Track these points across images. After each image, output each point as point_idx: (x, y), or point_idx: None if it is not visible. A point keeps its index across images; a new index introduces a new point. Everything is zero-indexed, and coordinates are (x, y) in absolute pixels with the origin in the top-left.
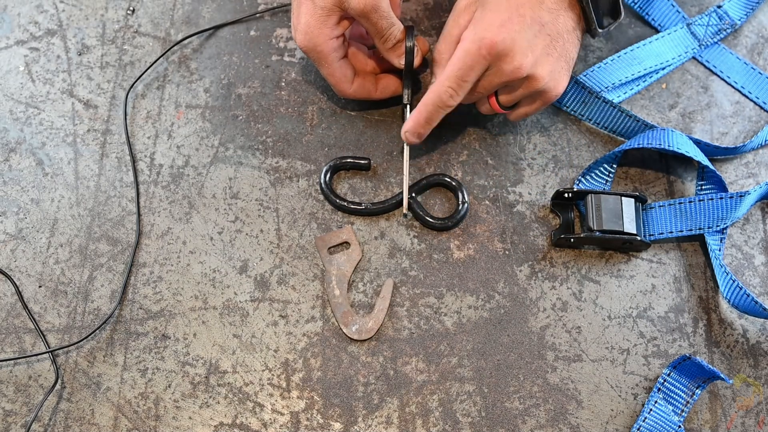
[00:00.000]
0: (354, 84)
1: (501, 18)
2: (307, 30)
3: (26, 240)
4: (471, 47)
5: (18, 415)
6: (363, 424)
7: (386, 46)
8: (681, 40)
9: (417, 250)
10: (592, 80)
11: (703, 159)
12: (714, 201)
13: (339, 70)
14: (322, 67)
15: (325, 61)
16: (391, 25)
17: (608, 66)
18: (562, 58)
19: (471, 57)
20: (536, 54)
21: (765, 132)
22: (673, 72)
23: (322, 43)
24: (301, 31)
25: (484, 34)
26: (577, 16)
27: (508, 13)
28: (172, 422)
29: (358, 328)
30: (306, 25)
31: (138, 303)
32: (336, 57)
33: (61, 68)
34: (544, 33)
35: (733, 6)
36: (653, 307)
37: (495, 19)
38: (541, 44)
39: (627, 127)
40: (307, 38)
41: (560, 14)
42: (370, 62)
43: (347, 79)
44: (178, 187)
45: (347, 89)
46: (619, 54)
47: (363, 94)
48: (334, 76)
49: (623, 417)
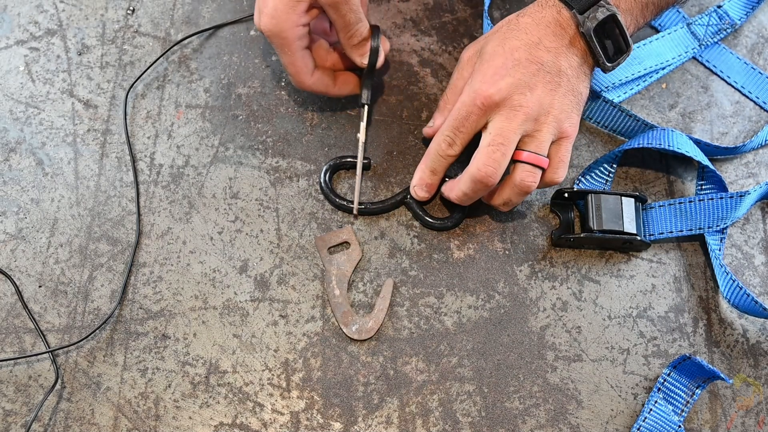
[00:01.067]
0: (313, 76)
1: (495, 67)
2: (275, 14)
3: (26, 240)
4: (466, 99)
5: (18, 415)
6: (363, 424)
7: (351, 42)
8: (681, 40)
9: (417, 250)
10: (593, 80)
11: (703, 159)
12: (714, 201)
13: (301, 59)
14: (284, 54)
15: (289, 48)
16: (358, 21)
17: None
18: (570, 94)
19: (466, 108)
20: (537, 92)
21: (765, 132)
22: (673, 72)
23: (288, 29)
24: (267, 15)
25: (479, 86)
26: (581, 52)
27: (503, 59)
28: (172, 422)
29: (358, 328)
30: (273, 9)
31: (138, 303)
32: (300, 46)
33: (61, 68)
34: (544, 72)
35: (733, 6)
36: (653, 307)
37: (489, 69)
38: (541, 82)
39: (627, 126)
40: (274, 23)
41: (560, 52)
42: (330, 57)
43: (308, 69)
44: (178, 187)
45: (306, 80)
46: None
47: (321, 87)
48: (294, 65)
49: (623, 417)
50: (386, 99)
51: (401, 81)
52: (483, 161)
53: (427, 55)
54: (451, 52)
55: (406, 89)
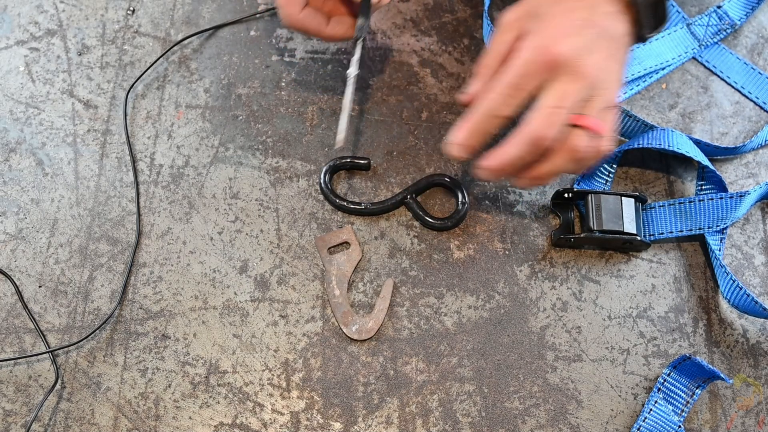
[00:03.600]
0: (304, 11)
1: (559, 26)
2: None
3: (26, 240)
4: (529, 56)
5: (18, 415)
6: (363, 424)
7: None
8: (681, 41)
9: (417, 250)
10: None
11: (703, 159)
12: (714, 201)
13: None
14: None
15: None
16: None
17: None
18: (621, 62)
19: (528, 66)
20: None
21: (765, 132)
22: (673, 72)
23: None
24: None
25: (545, 43)
26: (630, 20)
27: (566, 20)
28: (172, 422)
29: (358, 328)
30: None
31: (138, 303)
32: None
33: (61, 68)
34: (603, 36)
35: (733, 6)
36: (653, 307)
37: (553, 28)
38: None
39: (627, 127)
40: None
41: (616, 18)
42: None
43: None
44: (178, 187)
45: (295, 12)
46: None
47: (312, 25)
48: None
49: (623, 417)
50: (386, 99)
51: (401, 81)
52: (542, 122)
53: (427, 55)
54: (451, 52)
55: (406, 89)
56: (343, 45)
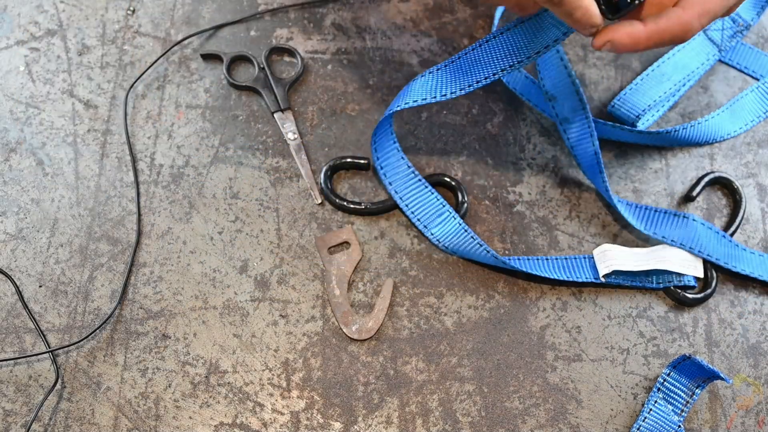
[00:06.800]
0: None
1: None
2: None
3: (26, 240)
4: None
5: (18, 415)
6: (363, 423)
7: None
8: (701, 48)
9: (417, 250)
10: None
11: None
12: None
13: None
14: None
15: None
16: None
17: (639, 87)
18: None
19: None
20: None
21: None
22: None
23: None
24: None
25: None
26: None
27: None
28: (172, 422)
29: (358, 328)
30: None
31: (138, 303)
32: None
33: (61, 68)
34: None
35: (743, 7)
36: (653, 306)
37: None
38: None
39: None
40: None
41: None
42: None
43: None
44: (179, 187)
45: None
46: (647, 72)
47: None
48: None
49: (623, 417)
50: (386, 99)
51: (401, 81)
52: None
53: (427, 55)
54: (451, 53)
55: None
56: (343, 45)
